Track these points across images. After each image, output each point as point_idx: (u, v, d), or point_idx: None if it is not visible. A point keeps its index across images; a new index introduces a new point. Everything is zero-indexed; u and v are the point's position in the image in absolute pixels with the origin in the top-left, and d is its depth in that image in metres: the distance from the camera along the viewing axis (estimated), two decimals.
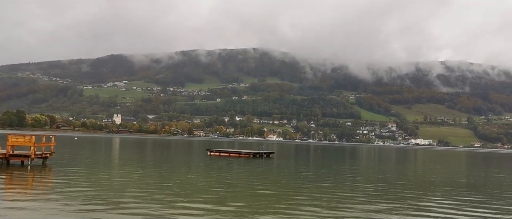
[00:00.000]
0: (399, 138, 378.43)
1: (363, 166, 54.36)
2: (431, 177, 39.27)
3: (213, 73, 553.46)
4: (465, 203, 21.95)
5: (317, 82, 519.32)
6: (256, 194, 22.28)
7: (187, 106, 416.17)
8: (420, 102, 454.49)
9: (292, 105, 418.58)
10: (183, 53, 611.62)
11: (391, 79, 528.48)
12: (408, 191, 26.55)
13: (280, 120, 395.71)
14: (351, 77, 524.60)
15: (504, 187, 32.23)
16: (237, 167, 40.83)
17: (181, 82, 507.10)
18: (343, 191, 25.01)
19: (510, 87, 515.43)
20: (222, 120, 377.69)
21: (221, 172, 34.81)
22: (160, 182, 25.45)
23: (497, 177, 42.40)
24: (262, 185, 26.49)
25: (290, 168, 43.05)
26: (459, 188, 29.57)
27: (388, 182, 31.86)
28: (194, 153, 68.84)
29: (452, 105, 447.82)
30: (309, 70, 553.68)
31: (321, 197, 21.86)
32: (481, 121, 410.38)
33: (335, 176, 35.28)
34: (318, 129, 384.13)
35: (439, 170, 50.88)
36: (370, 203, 20.57)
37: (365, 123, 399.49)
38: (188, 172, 34.42)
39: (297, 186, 26.38)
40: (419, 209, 19.43)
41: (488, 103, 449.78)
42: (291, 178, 32.21)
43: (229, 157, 56.70)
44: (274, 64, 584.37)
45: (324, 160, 63.08)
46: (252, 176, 32.19)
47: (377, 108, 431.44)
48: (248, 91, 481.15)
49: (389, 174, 40.91)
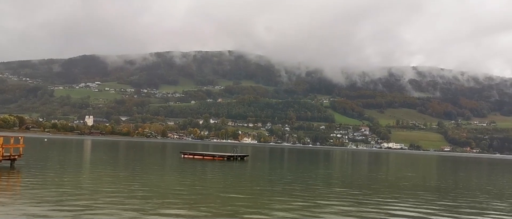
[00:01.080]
0: (372, 142, 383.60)
1: (336, 169, 54.77)
2: (402, 181, 39.81)
3: (188, 75, 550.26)
4: (434, 206, 22.28)
5: (291, 85, 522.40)
6: (230, 198, 22.10)
7: (161, 108, 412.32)
8: (393, 106, 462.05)
9: (266, 108, 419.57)
10: (158, 54, 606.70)
11: (365, 84, 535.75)
12: (379, 194, 26.81)
13: (255, 123, 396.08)
14: (325, 81, 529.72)
15: (472, 190, 32.91)
16: (211, 170, 40.54)
17: (155, 84, 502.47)
18: (316, 195, 25.06)
19: (479, 93, 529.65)
20: (196, 123, 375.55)
21: (194, 175, 34.48)
22: (132, 186, 25.00)
23: (466, 181, 43.27)
24: (235, 188, 26.32)
25: (264, 171, 42.99)
26: (429, 192, 30.04)
27: (360, 186, 32.13)
28: (168, 156, 68.09)
29: (424, 110, 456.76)
30: (284, 74, 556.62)
31: (294, 201, 21.84)
32: (451, 126, 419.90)
33: (309, 179, 35.37)
34: (293, 132, 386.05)
35: (410, 173, 51.69)
36: (342, 207, 20.65)
37: (339, 127, 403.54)
38: (160, 175, 33.95)
39: (271, 190, 26.32)
40: (389, 214, 19.60)
41: (458, 108, 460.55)
42: (265, 181, 32.14)
43: (203, 160, 56.28)
44: (249, 67, 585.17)
45: (298, 163, 63.29)
46: (226, 179, 31.97)
47: (351, 112, 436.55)
48: (223, 94, 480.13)
49: (362, 178, 41.30)
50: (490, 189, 35.00)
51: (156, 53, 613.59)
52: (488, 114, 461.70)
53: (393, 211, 20.15)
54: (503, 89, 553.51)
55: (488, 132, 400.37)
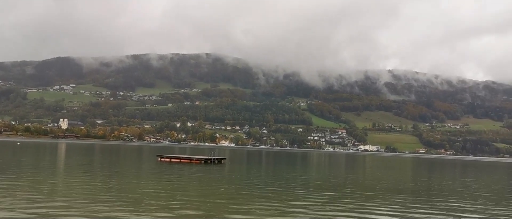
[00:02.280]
0: (349, 144, 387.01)
1: (313, 172, 54.99)
2: (378, 183, 40.18)
3: (164, 77, 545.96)
4: (409, 208, 22.53)
5: (269, 88, 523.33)
6: (207, 201, 21.91)
7: (138, 111, 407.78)
8: (369, 109, 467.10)
9: (244, 111, 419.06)
10: (134, 57, 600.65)
11: (341, 87, 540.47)
12: (356, 197, 26.99)
13: (233, 126, 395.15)
14: (302, 84, 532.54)
15: (446, 191, 33.43)
16: (188, 173, 40.20)
17: (131, 86, 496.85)
18: (294, 197, 25.07)
19: (452, 95, 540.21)
20: (173, 126, 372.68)
21: (171, 178, 34.11)
22: (107, 191, 24.57)
23: (440, 182, 43.95)
24: (213, 191, 26.14)
25: (242, 174, 42.86)
26: (404, 194, 30.40)
27: (338, 188, 32.29)
28: (144, 159, 67.30)
29: (399, 113, 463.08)
30: (262, 77, 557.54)
31: (272, 204, 21.78)
32: (426, 128, 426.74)
33: (286, 182, 35.39)
34: (270, 135, 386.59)
35: (386, 176, 52.26)
36: (320, 210, 20.69)
37: (316, 130, 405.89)
38: (137, 179, 33.46)
39: (249, 193, 26.22)
40: (366, 216, 19.71)
41: (432, 111, 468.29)
42: (243, 184, 32.01)
43: (180, 163, 55.86)
44: (227, 70, 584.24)
45: (276, 166, 63.35)
46: (203, 182, 31.72)
47: (328, 115, 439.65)
48: (200, 97, 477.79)
49: (339, 180, 41.53)
50: (462, 191, 35.64)
51: (132, 55, 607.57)
52: (461, 117, 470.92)
53: (370, 213, 20.26)
54: (475, 92, 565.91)
55: (461, 134, 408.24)
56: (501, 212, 22.96)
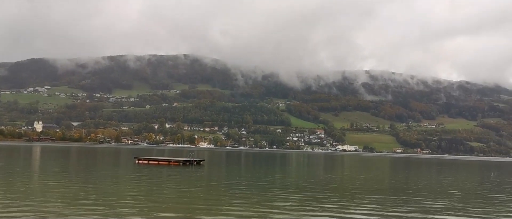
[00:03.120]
0: (327, 145, 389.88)
1: (292, 172, 55.04)
2: (357, 182, 40.42)
3: (142, 79, 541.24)
4: (387, 207, 22.66)
5: (248, 89, 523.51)
6: (185, 203, 21.62)
7: (115, 113, 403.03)
8: (347, 109, 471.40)
9: (223, 112, 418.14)
10: (111, 58, 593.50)
11: (319, 87, 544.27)
12: (334, 196, 27.04)
13: (211, 127, 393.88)
14: (281, 85, 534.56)
15: (423, 190, 33.82)
16: (166, 175, 39.73)
17: (108, 88, 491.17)
18: (272, 198, 24.97)
19: (428, 96, 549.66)
20: (151, 127, 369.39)
21: (149, 181, 33.62)
22: (83, 194, 24.02)
23: (417, 181, 44.47)
24: (191, 193, 25.85)
25: (221, 176, 42.56)
26: (383, 193, 30.62)
27: (316, 188, 32.32)
28: (122, 162, 66.34)
29: (376, 113, 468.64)
30: (240, 77, 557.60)
31: (250, 205, 21.63)
32: (403, 128, 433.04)
33: (265, 183, 35.27)
34: (249, 136, 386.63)
35: (364, 175, 52.66)
36: (299, 210, 20.63)
37: (295, 130, 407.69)
38: (114, 181, 32.86)
39: (228, 194, 26.01)
40: (346, 215, 19.72)
41: (408, 111, 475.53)
42: (222, 185, 31.76)
43: (158, 165, 55.24)
44: (205, 71, 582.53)
45: (255, 167, 63.23)
46: (181, 184, 31.35)
47: (306, 115, 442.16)
48: (178, 98, 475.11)
49: (318, 180, 41.61)
50: (438, 189, 36.11)
51: (109, 56, 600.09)
52: (437, 116, 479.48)
53: (349, 213, 20.29)
54: (450, 92, 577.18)
55: (437, 134, 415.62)
56: (476, 210, 23.29)
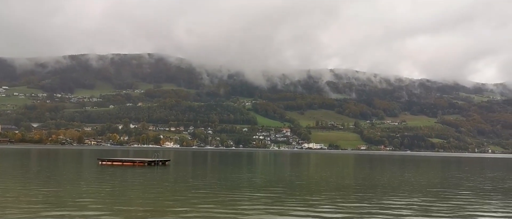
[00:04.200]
0: (293, 143, 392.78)
1: (259, 171, 55.00)
2: (323, 180, 40.72)
3: (105, 78, 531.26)
4: (351, 203, 22.85)
5: (214, 88, 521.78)
6: (150, 204, 21.13)
7: (77, 113, 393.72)
8: (312, 108, 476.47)
9: (189, 111, 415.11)
10: (72, 57, 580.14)
11: (285, 86, 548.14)
12: (300, 193, 27.09)
13: (177, 127, 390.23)
14: (247, 84, 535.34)
15: (386, 186, 34.40)
16: (131, 176, 38.90)
17: (69, 88, 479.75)
18: (239, 197, 24.79)
19: (390, 94, 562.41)
20: (115, 128, 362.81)
21: (113, 182, 32.78)
22: (43, 196, 23.12)
23: (380, 177, 45.22)
24: (156, 194, 25.34)
25: (186, 176, 42.01)
26: (347, 190, 30.92)
27: (283, 186, 32.32)
28: (84, 163, 64.64)
29: (341, 111, 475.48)
30: (206, 77, 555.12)
31: (216, 204, 21.38)
32: (366, 126, 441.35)
33: (232, 182, 35.04)
34: (216, 135, 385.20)
35: (330, 172, 53.17)
36: (265, 208, 20.53)
37: (261, 129, 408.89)
38: (76, 183, 31.82)
39: (193, 194, 25.65)
40: (309, 214, 19.73)
41: (372, 109, 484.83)
42: (188, 186, 31.31)
43: (122, 166, 54.11)
44: (170, 70, 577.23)
45: (221, 166, 62.87)
46: (146, 185, 30.71)
47: (272, 114, 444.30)
48: (143, 98, 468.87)
49: (284, 178, 41.66)
50: (400, 185, 36.78)
51: (70, 55, 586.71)
52: (399, 114, 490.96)
53: (315, 211, 20.33)
54: (411, 90, 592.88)
55: (399, 131, 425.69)
56: (435, 204, 23.78)
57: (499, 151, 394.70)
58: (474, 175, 53.05)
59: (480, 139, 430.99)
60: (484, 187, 34.97)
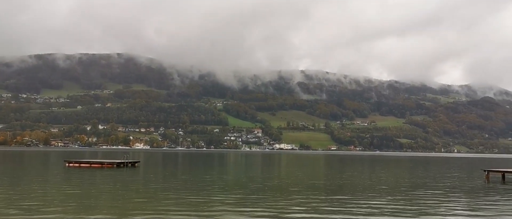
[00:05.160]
0: (265, 143, 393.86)
1: (230, 172, 54.74)
2: (293, 180, 40.79)
3: (73, 78, 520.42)
4: (321, 203, 22.89)
5: (184, 89, 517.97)
6: (118, 206, 20.60)
7: (43, 114, 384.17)
8: (284, 108, 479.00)
9: (159, 112, 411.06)
10: (38, 56, 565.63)
11: (256, 87, 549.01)
12: (270, 194, 27.00)
13: (147, 128, 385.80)
14: (218, 84, 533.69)
15: (356, 186, 34.71)
16: (99, 178, 38.02)
17: (36, 88, 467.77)
18: (209, 198, 24.53)
19: (360, 94, 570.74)
20: (83, 129, 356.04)
21: (80, 184, 31.91)
22: (5, 200, 22.24)
23: (350, 177, 45.65)
24: (125, 196, 24.78)
25: (157, 177, 41.35)
26: (318, 190, 31.03)
27: (253, 187, 32.19)
28: (51, 165, 62.90)
29: (312, 111, 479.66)
30: (177, 77, 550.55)
31: (186, 206, 21.06)
32: (337, 126, 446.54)
33: (202, 183, 34.68)
34: (186, 136, 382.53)
35: (300, 173, 53.37)
36: (234, 209, 20.35)
37: (233, 130, 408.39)
38: (41, 185, 30.77)
39: (163, 196, 25.22)
40: (278, 216, 19.64)
41: (342, 109, 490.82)
42: (157, 187, 30.78)
43: (90, 168, 52.88)
44: (140, 70, 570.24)
45: (192, 168, 62.31)
46: (114, 187, 30.02)
47: (244, 115, 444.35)
48: (112, 98, 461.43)
49: (255, 179, 41.53)
50: (371, 185, 37.19)
51: (36, 55, 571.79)
52: (369, 115, 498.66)
53: (285, 212, 20.26)
54: (380, 91, 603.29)
55: (369, 131, 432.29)
56: (403, 204, 24.09)
57: (464, 151, 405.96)
58: (440, 174, 54.18)
59: (446, 139, 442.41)
60: (450, 186, 35.68)
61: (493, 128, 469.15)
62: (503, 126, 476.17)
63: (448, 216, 20.05)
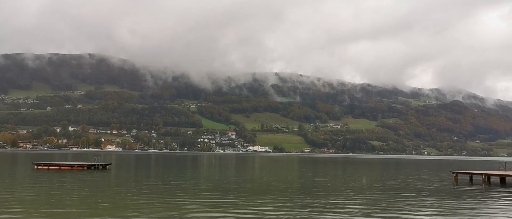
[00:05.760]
0: (239, 146, 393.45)
1: (204, 174, 54.44)
2: (266, 182, 40.83)
3: (42, 79, 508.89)
4: (295, 205, 22.97)
5: (158, 90, 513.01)
6: (88, 210, 20.17)
7: (11, 115, 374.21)
8: (258, 111, 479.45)
9: (132, 114, 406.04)
10: (6, 56, 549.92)
11: (230, 89, 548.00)
12: (243, 196, 26.95)
13: (119, 129, 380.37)
14: (192, 86, 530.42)
15: (329, 187, 34.97)
16: (69, 181, 37.21)
17: (3, 88, 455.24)
18: (181, 201, 24.29)
19: (333, 97, 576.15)
20: (53, 131, 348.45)
21: (48, 187, 31.14)
22: None
23: (323, 181, 46.00)
24: (95, 199, 24.29)
25: (128, 180, 40.75)
26: (291, 192, 31.13)
27: (227, 190, 32.07)
28: (18, 168, 61.27)
29: (286, 114, 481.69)
30: (150, 78, 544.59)
31: (157, 209, 20.78)
32: (310, 128, 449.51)
33: (175, 186, 34.35)
34: (160, 138, 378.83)
35: (274, 175, 53.47)
36: (206, 211, 20.22)
37: (206, 132, 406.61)
38: (7, 189, 29.85)
39: (134, 199, 24.84)
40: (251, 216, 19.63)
41: (316, 112, 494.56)
42: (129, 190, 30.31)
43: (60, 171, 51.75)
44: (113, 71, 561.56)
45: (165, 170, 61.71)
46: (84, 190, 29.41)
47: (218, 117, 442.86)
48: (83, 99, 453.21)
49: (229, 181, 41.39)
50: (344, 186, 37.56)
51: (4, 54, 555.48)
52: (342, 117, 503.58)
53: (261, 213, 20.24)
54: (353, 94, 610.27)
55: (342, 134, 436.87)
56: (374, 205, 24.40)
57: (434, 153, 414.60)
58: (410, 176, 55.14)
59: (417, 142, 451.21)
60: (419, 188, 36.32)
61: (461, 131, 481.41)
62: (471, 129, 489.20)
63: (415, 217, 20.36)
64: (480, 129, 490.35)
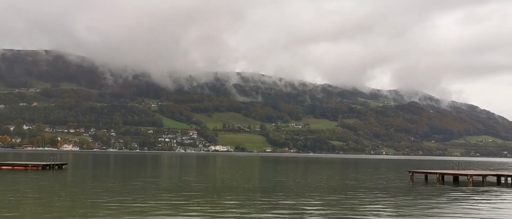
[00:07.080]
0: (200, 145, 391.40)
1: (164, 174, 53.81)
2: (227, 182, 40.78)
3: None
4: (255, 205, 23.04)
5: (118, 89, 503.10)
6: (42, 211, 19.51)
7: None
8: (220, 110, 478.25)
9: (90, 112, 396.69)
10: None
11: (192, 88, 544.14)
12: (203, 196, 26.84)
13: (77, 128, 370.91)
14: (153, 85, 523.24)
15: (291, 187, 35.27)
16: (22, 181, 35.89)
17: None
18: (140, 202, 23.92)
19: (295, 97, 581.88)
20: (6, 129, 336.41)
21: (1, 189, 29.93)
22: None
23: (284, 180, 46.37)
24: (49, 201, 23.53)
25: (85, 180, 39.71)
26: (252, 191, 31.21)
27: (186, 190, 31.85)
28: None
29: (248, 113, 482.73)
30: (109, 76, 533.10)
31: (115, 210, 20.36)
32: (272, 128, 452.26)
33: (134, 187, 33.76)
34: (119, 137, 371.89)
35: (235, 174, 53.46)
36: (166, 212, 20.02)
37: (167, 131, 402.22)
38: None
39: (91, 200, 24.24)
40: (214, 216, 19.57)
41: (277, 112, 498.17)
42: (85, 191, 29.54)
43: (12, 171, 49.92)
44: (70, 69, 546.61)
45: (124, 170, 60.59)
46: (38, 191, 28.45)
47: (179, 116, 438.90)
48: (39, 97, 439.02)
49: (188, 181, 41.07)
50: (307, 185, 37.95)
51: None
52: (303, 117, 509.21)
53: (222, 213, 20.20)
54: (314, 94, 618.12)
55: (303, 134, 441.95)
56: (334, 204, 24.83)
57: (392, 153, 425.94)
58: (369, 175, 56.38)
59: (376, 142, 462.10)
60: (376, 187, 37.19)
61: (418, 132, 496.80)
62: (427, 130, 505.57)
63: (371, 216, 20.80)
64: (436, 129, 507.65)
